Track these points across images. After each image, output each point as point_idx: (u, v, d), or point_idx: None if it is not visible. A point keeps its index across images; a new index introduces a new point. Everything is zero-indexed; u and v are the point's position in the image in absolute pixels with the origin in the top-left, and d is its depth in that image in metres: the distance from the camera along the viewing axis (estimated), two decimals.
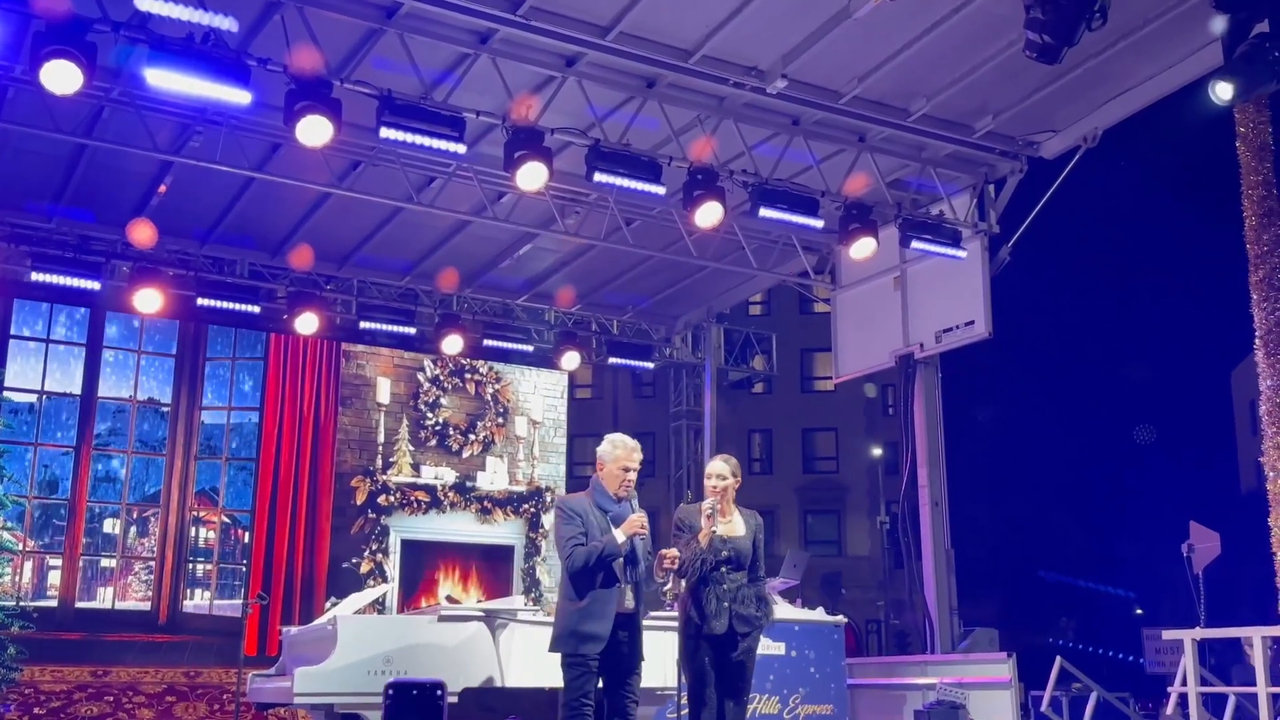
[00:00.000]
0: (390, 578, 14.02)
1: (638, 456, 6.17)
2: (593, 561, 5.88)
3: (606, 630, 5.89)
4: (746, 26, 8.90)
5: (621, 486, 6.09)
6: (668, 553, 6.02)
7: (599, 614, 5.89)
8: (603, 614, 5.89)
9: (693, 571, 6.09)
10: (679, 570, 6.16)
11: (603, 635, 5.89)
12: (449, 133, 8.73)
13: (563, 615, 6.01)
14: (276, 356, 14.06)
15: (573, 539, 5.95)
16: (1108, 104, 10.23)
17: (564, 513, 6.07)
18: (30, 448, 13.30)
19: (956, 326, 11.52)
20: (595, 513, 6.02)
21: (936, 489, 11.71)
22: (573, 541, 5.94)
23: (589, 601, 5.91)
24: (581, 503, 6.09)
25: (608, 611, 5.90)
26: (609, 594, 5.92)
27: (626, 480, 6.11)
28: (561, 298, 14.47)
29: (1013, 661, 9.74)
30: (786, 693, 9.22)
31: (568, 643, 5.92)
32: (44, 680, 12.07)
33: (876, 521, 27.57)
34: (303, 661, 7.51)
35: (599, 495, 6.11)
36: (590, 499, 6.10)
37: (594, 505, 6.06)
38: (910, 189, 11.57)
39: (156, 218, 11.48)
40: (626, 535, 5.93)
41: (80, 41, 7.46)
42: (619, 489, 6.09)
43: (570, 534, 5.97)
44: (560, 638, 5.97)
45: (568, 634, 5.93)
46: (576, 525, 5.96)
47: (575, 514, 6.02)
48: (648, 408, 28.85)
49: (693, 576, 6.10)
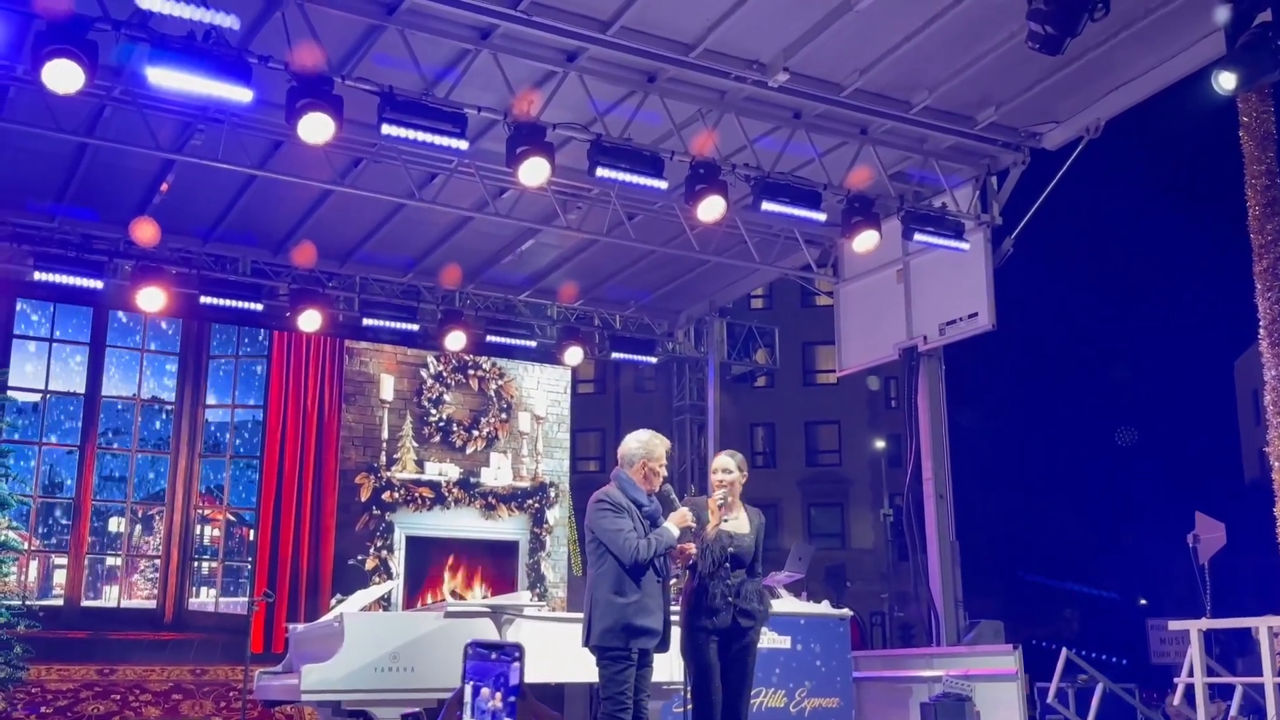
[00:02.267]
0: (395, 574, 14.03)
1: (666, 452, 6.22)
2: (654, 554, 5.87)
3: (659, 625, 5.91)
4: (748, 20, 8.89)
5: (654, 483, 6.09)
6: (686, 548, 6.02)
7: (651, 609, 5.87)
8: (655, 609, 5.89)
9: (704, 565, 6.12)
10: (686, 567, 6.19)
11: (657, 630, 5.90)
12: (450, 129, 8.72)
13: (610, 609, 5.87)
14: (280, 354, 14.06)
15: (624, 530, 5.89)
16: (1110, 95, 10.20)
17: (611, 505, 6.00)
18: (35, 447, 13.31)
19: (960, 319, 11.52)
20: (632, 508, 6.00)
21: (941, 481, 11.71)
22: (626, 533, 5.88)
23: (641, 596, 5.86)
24: (619, 497, 6.03)
25: (658, 606, 5.92)
26: (658, 591, 5.93)
27: (660, 477, 6.11)
28: (564, 293, 14.47)
29: (1019, 653, 9.74)
30: (793, 686, 9.23)
31: (619, 637, 5.83)
32: (50, 679, 12.08)
33: (880, 514, 27.54)
34: (309, 659, 7.52)
35: (632, 490, 6.05)
36: (623, 495, 6.04)
37: (630, 501, 6.02)
38: (912, 181, 11.55)
39: (159, 216, 11.47)
40: (679, 528, 5.93)
41: (81, 40, 7.45)
42: (656, 485, 6.09)
43: (623, 527, 5.91)
44: (610, 631, 5.85)
45: (620, 628, 5.83)
46: (625, 519, 5.93)
47: (622, 509, 5.97)
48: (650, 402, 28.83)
49: (704, 569, 6.13)
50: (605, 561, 5.94)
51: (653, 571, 5.91)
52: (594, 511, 6.05)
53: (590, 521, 6.08)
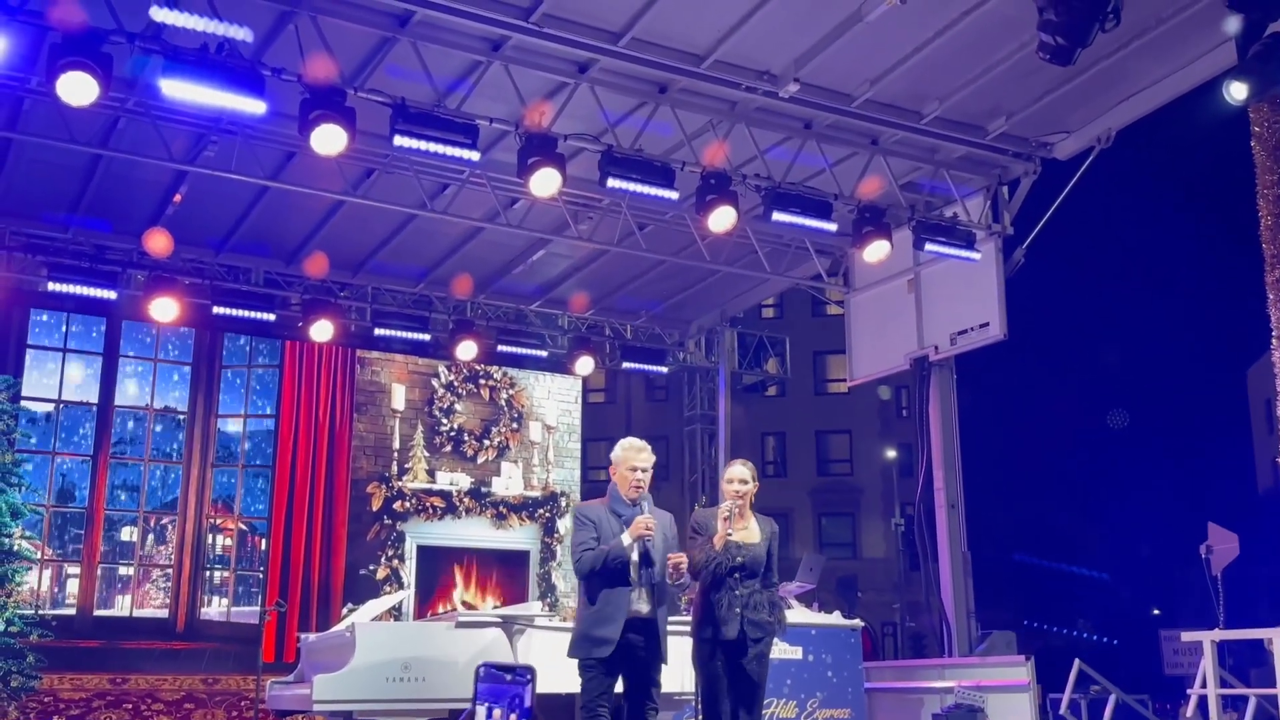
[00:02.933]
0: (407, 584, 14.05)
1: (645, 457, 6.15)
2: (599, 565, 5.93)
3: (616, 634, 5.90)
4: (758, 31, 8.91)
5: (631, 488, 6.09)
6: (675, 558, 6.02)
7: (609, 618, 5.91)
8: (612, 618, 5.91)
9: (706, 574, 6.10)
10: (692, 573, 6.16)
11: (612, 639, 5.90)
12: (462, 140, 8.75)
13: (577, 620, 6.11)
14: (292, 364, 14.11)
15: (582, 544, 6.02)
16: (1121, 105, 10.19)
17: (579, 520, 6.17)
18: (48, 456, 13.37)
19: (971, 328, 11.50)
20: (610, 519, 6.04)
21: (952, 491, 11.68)
22: (582, 547, 6.01)
23: (599, 605, 5.96)
24: (597, 510, 6.12)
25: (617, 615, 5.92)
26: (618, 597, 5.94)
27: (635, 481, 6.09)
28: (575, 303, 14.49)
29: (1031, 664, 9.70)
30: (804, 697, 9.21)
31: (581, 647, 6.00)
32: (63, 688, 12.12)
33: (891, 524, 27.52)
34: (321, 668, 7.53)
35: (614, 500, 6.14)
36: (606, 505, 6.13)
37: (609, 511, 6.08)
38: (923, 191, 11.55)
39: (172, 227, 11.52)
40: (632, 538, 5.93)
41: (96, 53, 7.50)
42: (629, 491, 6.09)
43: (581, 540, 6.04)
44: (574, 642, 6.05)
45: (580, 638, 6.01)
46: (589, 531, 6.02)
47: (590, 521, 6.08)
48: (661, 412, 28.82)
49: (706, 579, 6.10)
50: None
51: (615, 583, 5.94)
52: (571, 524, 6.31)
53: None
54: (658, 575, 6.04)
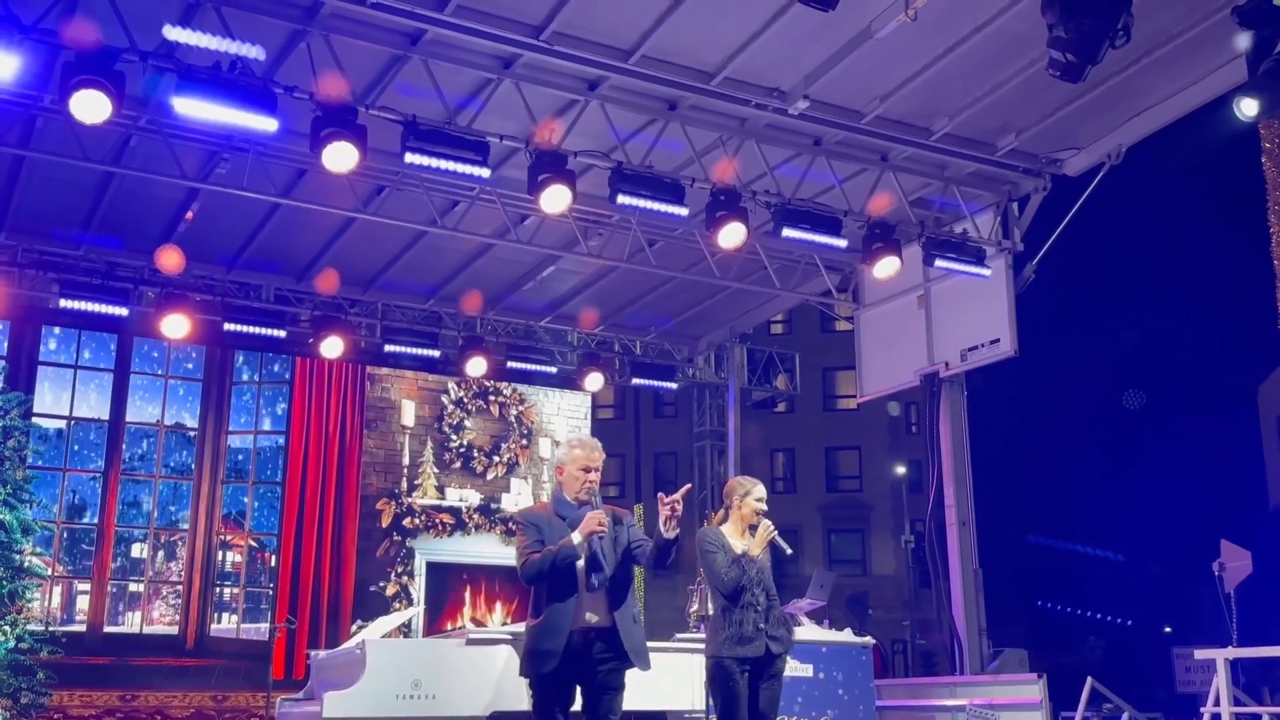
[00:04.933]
0: (416, 600, 14.03)
1: (599, 456, 5.76)
2: (546, 567, 5.41)
3: (560, 646, 5.40)
4: (768, 48, 8.93)
5: (583, 489, 5.64)
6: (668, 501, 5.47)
7: (554, 629, 5.44)
8: (558, 629, 5.43)
9: (733, 589, 6.07)
10: (725, 591, 6.11)
11: (556, 651, 5.40)
12: (473, 157, 8.78)
13: (527, 633, 5.63)
14: (302, 380, 14.14)
15: (527, 548, 5.50)
16: (1131, 121, 10.18)
17: (520, 524, 5.70)
18: (59, 473, 13.41)
19: (982, 345, 11.47)
20: (555, 522, 5.60)
21: (963, 508, 11.64)
22: (527, 550, 5.49)
23: (545, 616, 5.49)
24: (540, 514, 5.72)
25: (563, 626, 5.44)
26: (564, 607, 5.46)
27: (588, 482, 5.66)
28: (584, 319, 14.49)
29: (1043, 682, 9.65)
30: (815, 714, 9.16)
31: (528, 663, 5.54)
32: (73, 705, 12.12)
33: (901, 540, 27.47)
34: (331, 685, 7.52)
35: (558, 504, 5.73)
36: (550, 509, 5.74)
37: (554, 515, 5.66)
38: (933, 208, 11.55)
39: (183, 244, 11.57)
40: (584, 535, 5.45)
41: (109, 71, 7.55)
42: (580, 492, 5.65)
43: (525, 544, 5.54)
44: (524, 655, 5.61)
45: (526, 654, 5.57)
46: (532, 535, 5.55)
47: (532, 524, 5.62)
48: (671, 428, 28.84)
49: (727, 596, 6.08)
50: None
51: (560, 590, 5.48)
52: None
53: None
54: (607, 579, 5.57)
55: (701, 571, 6.59)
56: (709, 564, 6.19)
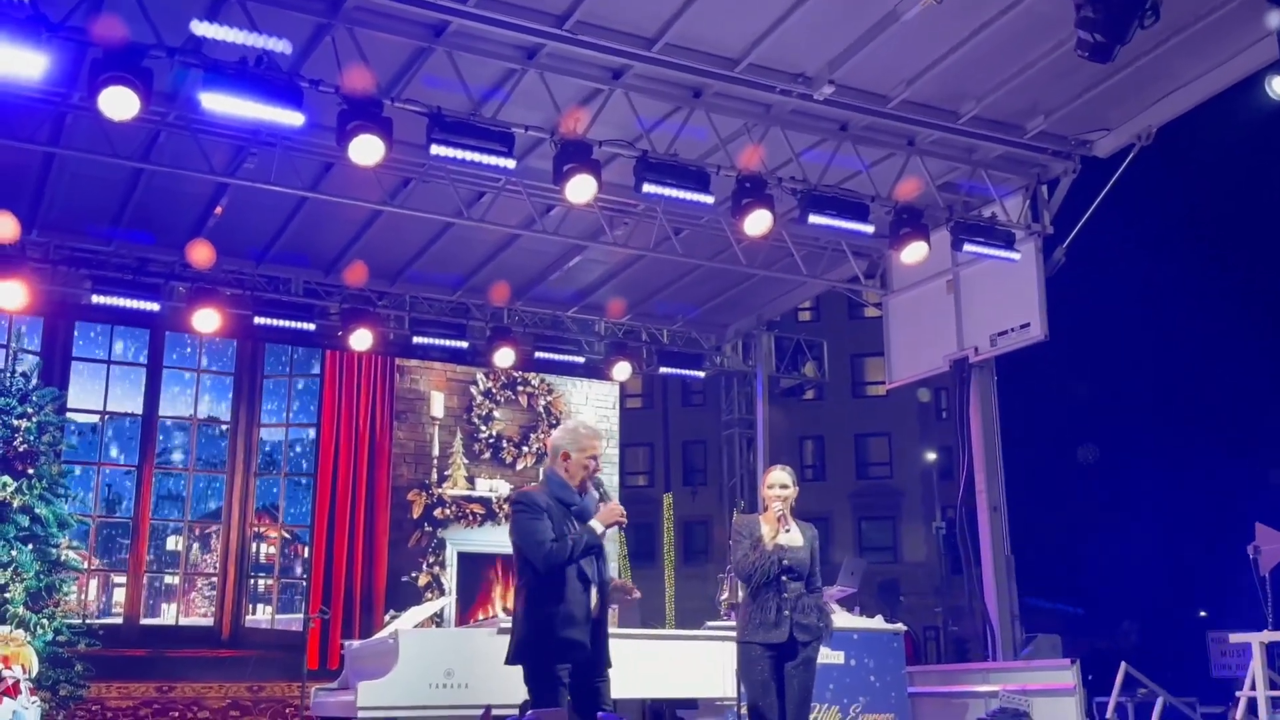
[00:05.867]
0: (448, 590, 14.11)
1: (603, 445, 5.70)
2: (576, 555, 5.29)
3: (585, 636, 5.31)
4: (792, 33, 8.89)
5: (588, 475, 5.54)
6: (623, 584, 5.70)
7: (574, 619, 5.29)
8: (577, 619, 5.30)
9: (758, 577, 6.09)
10: (742, 577, 6.15)
11: (585, 642, 5.30)
12: (498, 148, 8.79)
13: (532, 622, 5.33)
14: (332, 373, 14.22)
15: (546, 534, 5.31)
16: (1161, 101, 10.08)
17: (526, 506, 5.43)
18: (94, 467, 13.54)
19: (1012, 329, 11.40)
20: (556, 507, 5.43)
21: (995, 494, 11.59)
22: (547, 537, 5.30)
23: (564, 606, 5.29)
24: (541, 497, 5.49)
25: (581, 616, 5.31)
26: (583, 598, 5.35)
27: (594, 470, 5.56)
28: (611, 309, 14.50)
29: (1076, 668, 9.60)
30: (846, 701, 9.16)
31: (541, 653, 5.27)
32: (111, 697, 12.26)
33: (932, 527, 27.33)
34: (365, 675, 7.58)
35: (558, 488, 5.50)
36: (546, 493, 5.51)
37: (553, 499, 5.47)
38: (961, 192, 11.48)
39: (213, 238, 11.64)
40: (605, 525, 5.38)
41: (137, 68, 7.59)
42: (584, 480, 5.54)
43: (537, 529, 5.32)
44: (531, 648, 5.31)
45: (541, 644, 5.27)
46: (543, 521, 5.36)
47: (539, 509, 5.41)
48: (699, 416, 28.83)
49: (759, 580, 6.10)
50: (528, 569, 5.41)
51: (578, 579, 5.35)
52: (512, 514, 5.56)
53: (510, 525, 5.58)
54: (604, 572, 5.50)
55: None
56: (733, 552, 6.22)
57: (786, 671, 6.08)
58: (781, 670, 6.07)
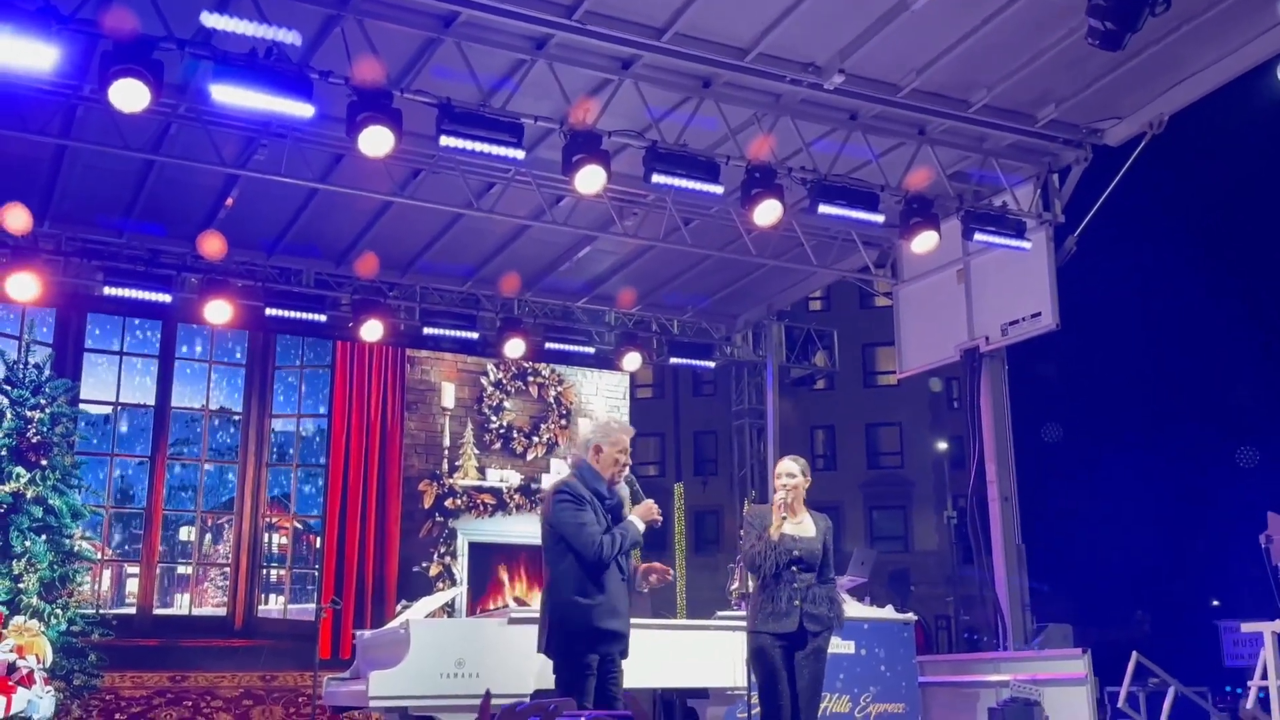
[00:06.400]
0: (459, 580, 14.15)
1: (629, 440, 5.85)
2: (619, 550, 5.51)
3: (624, 628, 5.52)
4: (802, 23, 8.87)
5: (620, 470, 5.71)
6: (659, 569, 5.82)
7: (614, 611, 5.50)
8: (617, 611, 5.52)
9: (765, 568, 6.09)
10: (750, 568, 6.15)
11: (626, 633, 5.51)
12: (507, 139, 8.78)
13: (573, 613, 5.48)
14: (343, 364, 14.26)
15: (593, 525, 5.51)
16: (1173, 89, 10.03)
17: (572, 498, 5.59)
18: (107, 458, 13.60)
19: (1023, 319, 11.38)
20: (594, 501, 5.60)
21: (1005, 484, 11.57)
22: (595, 528, 5.50)
23: (606, 598, 5.48)
24: (580, 488, 5.66)
25: (621, 609, 5.53)
26: (621, 590, 5.55)
27: (624, 465, 5.73)
28: (621, 299, 14.50)
29: (1088, 657, 9.60)
30: (857, 691, 9.17)
31: (581, 643, 5.45)
32: (124, 686, 12.32)
33: (943, 516, 27.31)
34: (376, 665, 7.61)
35: (591, 479, 5.68)
36: (582, 485, 5.67)
37: (591, 491, 5.64)
38: (972, 181, 11.44)
39: (224, 230, 11.67)
40: (645, 522, 5.57)
41: (147, 60, 7.60)
42: (617, 473, 5.71)
43: (586, 520, 5.50)
44: (573, 637, 5.47)
45: (583, 634, 5.45)
46: (588, 512, 5.54)
47: (584, 499, 5.58)
48: (709, 406, 28.80)
49: (768, 572, 6.10)
50: (566, 559, 5.54)
51: (616, 570, 5.53)
52: (554, 504, 5.65)
53: (550, 515, 5.66)
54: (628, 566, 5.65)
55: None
56: (743, 541, 6.22)
57: (797, 661, 6.09)
58: (792, 660, 6.08)
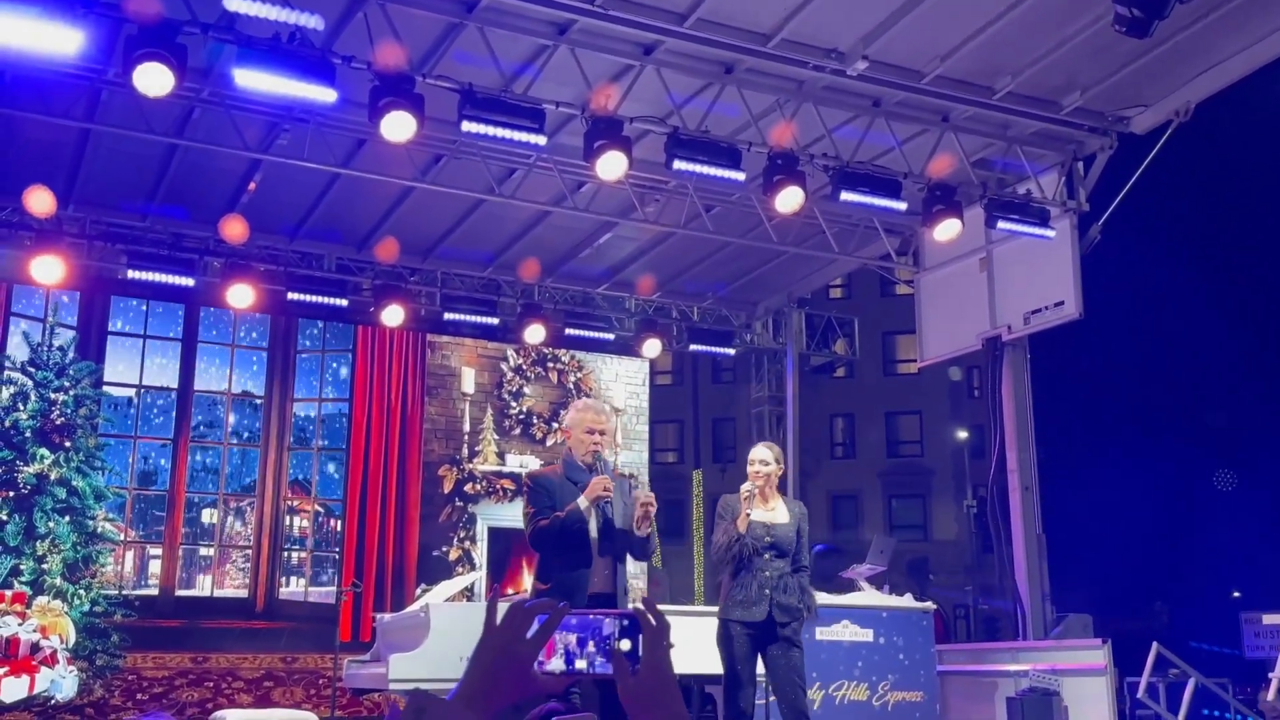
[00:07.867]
0: (478, 565, 14.21)
1: (604, 419, 5.78)
2: (555, 530, 5.41)
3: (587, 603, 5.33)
4: (825, 9, 8.81)
5: (588, 452, 5.66)
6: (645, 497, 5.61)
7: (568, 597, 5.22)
8: (571, 597, 5.20)
9: (731, 555, 6.00)
10: (717, 556, 6.07)
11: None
12: (529, 124, 8.77)
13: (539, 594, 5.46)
14: (364, 348, 14.31)
15: (537, 513, 5.48)
16: (1200, 77, 9.93)
17: (530, 487, 5.64)
18: (130, 441, 13.70)
19: (1045, 308, 11.31)
20: (566, 486, 5.56)
21: (1026, 473, 11.53)
22: (536, 515, 5.46)
23: (556, 582, 5.42)
24: (550, 477, 5.66)
25: (576, 594, 5.35)
26: (575, 575, 5.45)
27: (594, 445, 5.66)
28: (642, 285, 14.49)
29: (1108, 648, 9.56)
30: (875, 679, 9.17)
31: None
32: (146, 667, 12.43)
33: (963, 505, 27.20)
34: (396, 648, 7.66)
35: (569, 468, 5.69)
36: (560, 473, 5.69)
37: (564, 479, 5.62)
38: (996, 168, 11.37)
39: (247, 214, 11.70)
40: (589, 500, 5.44)
41: (171, 44, 7.62)
42: (585, 455, 5.66)
43: (535, 507, 5.50)
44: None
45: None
46: (543, 499, 5.52)
47: (543, 488, 5.58)
48: (729, 394, 28.78)
49: (733, 561, 6.01)
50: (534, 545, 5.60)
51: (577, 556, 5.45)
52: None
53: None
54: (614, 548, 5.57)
55: None
56: (715, 531, 6.15)
57: (771, 657, 5.97)
58: (760, 649, 5.97)
